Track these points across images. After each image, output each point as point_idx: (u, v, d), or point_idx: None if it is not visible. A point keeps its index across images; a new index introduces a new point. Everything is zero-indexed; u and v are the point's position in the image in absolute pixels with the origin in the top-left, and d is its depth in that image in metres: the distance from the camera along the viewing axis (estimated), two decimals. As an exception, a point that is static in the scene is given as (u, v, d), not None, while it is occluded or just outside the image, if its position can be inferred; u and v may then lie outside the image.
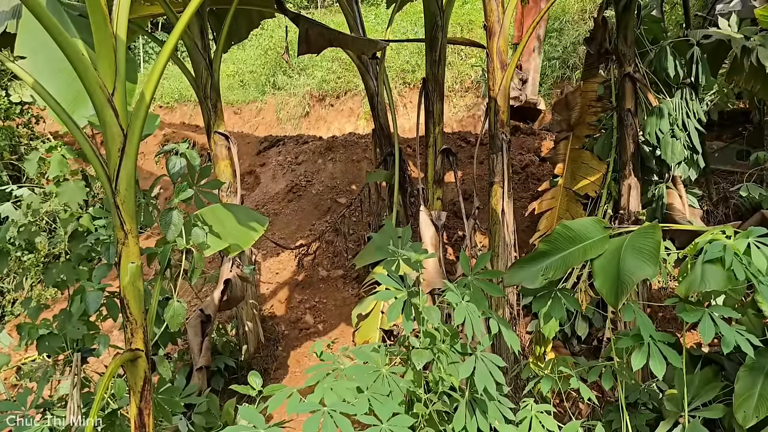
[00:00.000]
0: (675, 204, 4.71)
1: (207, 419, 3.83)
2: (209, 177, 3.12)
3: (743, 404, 2.64)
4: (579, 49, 9.66)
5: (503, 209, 4.34)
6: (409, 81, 11.45)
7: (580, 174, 5.49)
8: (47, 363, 3.16)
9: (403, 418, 2.17)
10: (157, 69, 2.50)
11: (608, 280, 2.61)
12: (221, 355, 5.11)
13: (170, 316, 2.81)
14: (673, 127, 4.66)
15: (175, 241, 2.82)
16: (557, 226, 2.99)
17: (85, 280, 2.85)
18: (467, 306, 2.54)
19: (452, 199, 6.94)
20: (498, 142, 4.39)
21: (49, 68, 2.97)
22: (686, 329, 2.92)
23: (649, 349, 2.58)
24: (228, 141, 4.89)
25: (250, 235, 3.41)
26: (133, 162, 2.45)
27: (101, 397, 2.32)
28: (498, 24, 4.39)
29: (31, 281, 7.50)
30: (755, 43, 4.66)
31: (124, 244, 2.45)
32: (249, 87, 13.71)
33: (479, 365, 2.44)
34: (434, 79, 5.11)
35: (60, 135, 9.30)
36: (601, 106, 5.59)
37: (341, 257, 6.83)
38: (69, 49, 2.29)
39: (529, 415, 2.66)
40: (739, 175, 6.15)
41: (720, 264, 2.46)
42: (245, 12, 5.48)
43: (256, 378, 2.78)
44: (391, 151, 5.96)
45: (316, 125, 12.06)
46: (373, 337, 4.71)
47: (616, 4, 4.95)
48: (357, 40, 5.47)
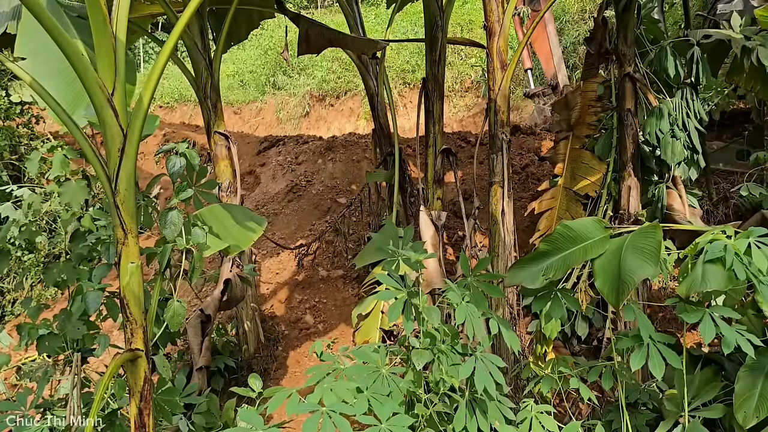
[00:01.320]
0: (675, 204, 4.70)
1: (207, 419, 3.83)
2: (207, 177, 3.12)
3: (743, 404, 2.64)
4: (579, 49, 9.65)
5: (503, 209, 4.34)
6: (409, 81, 11.45)
7: (580, 174, 5.49)
8: (47, 363, 3.16)
9: (402, 418, 2.16)
10: (156, 69, 2.50)
11: (609, 279, 2.61)
12: (221, 355, 5.12)
13: (170, 316, 2.81)
14: (673, 127, 4.65)
15: (175, 241, 2.82)
16: (558, 226, 3.00)
17: (85, 280, 2.85)
18: (467, 306, 2.54)
19: (452, 199, 6.94)
20: (498, 142, 4.39)
21: (49, 69, 2.97)
22: (686, 329, 2.92)
23: (648, 349, 2.58)
24: (228, 141, 4.89)
25: (248, 236, 3.41)
26: (133, 162, 2.45)
27: (101, 397, 2.32)
28: (498, 24, 4.39)
29: (31, 281, 7.50)
30: (755, 43, 4.65)
31: (124, 244, 2.45)
32: (249, 87, 13.71)
33: (479, 366, 2.43)
34: (434, 79, 5.11)
35: (60, 135, 9.29)
36: (601, 106, 5.58)
37: (341, 257, 6.83)
38: (69, 49, 2.29)
39: (529, 416, 2.67)
40: (739, 175, 6.14)
41: (721, 264, 2.46)
42: (245, 12, 5.48)
43: (256, 380, 2.78)
44: (391, 151, 5.95)
45: (316, 125, 12.06)
46: (373, 337, 4.71)
47: (616, 4, 4.95)
48: (357, 40, 5.47)
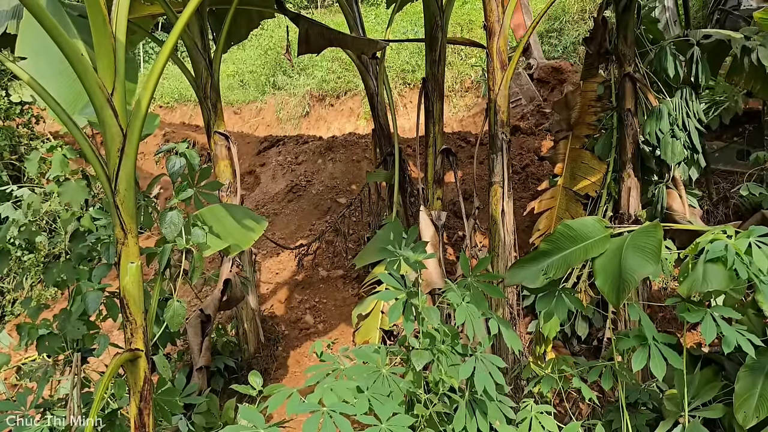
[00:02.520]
0: (675, 204, 4.70)
1: (207, 419, 3.83)
2: (209, 177, 3.12)
3: (743, 404, 2.64)
4: (579, 49, 9.65)
5: (503, 209, 4.34)
6: (409, 81, 11.44)
7: (579, 174, 5.49)
8: (47, 363, 3.16)
9: (402, 418, 2.16)
10: (156, 69, 2.50)
11: (609, 278, 2.61)
12: (221, 355, 5.12)
13: (170, 316, 2.81)
14: (673, 127, 4.65)
15: (175, 241, 2.82)
16: (558, 226, 2.99)
17: (85, 280, 2.85)
18: (467, 307, 2.53)
19: (452, 198, 6.94)
20: (498, 142, 4.39)
21: (50, 69, 2.97)
22: (686, 329, 2.92)
23: (650, 350, 2.58)
24: (228, 141, 4.89)
25: (248, 236, 3.41)
26: (133, 162, 2.45)
27: (101, 397, 2.32)
28: (498, 24, 4.39)
29: (30, 281, 7.50)
30: (755, 43, 4.65)
31: (124, 244, 2.45)
32: (249, 87, 13.70)
33: (479, 366, 2.43)
34: (434, 79, 5.11)
35: (60, 135, 9.28)
36: (601, 106, 5.58)
37: (341, 257, 6.83)
38: (68, 49, 2.29)
39: (529, 416, 2.66)
40: (739, 175, 6.13)
41: (722, 264, 2.46)
42: (245, 12, 5.47)
43: (256, 378, 2.78)
44: (391, 151, 5.95)
45: (316, 125, 12.05)
46: (373, 337, 4.71)
47: (615, 4, 4.95)
48: (357, 40, 5.47)
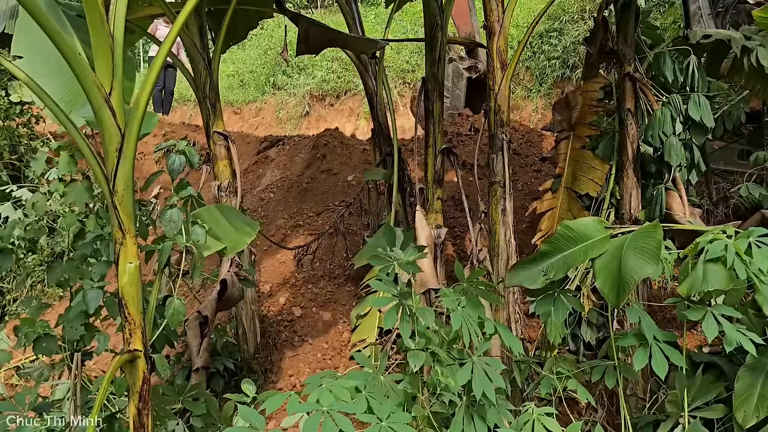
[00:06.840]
0: (675, 205, 4.69)
1: (206, 420, 3.82)
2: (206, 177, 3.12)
3: (743, 404, 2.64)
4: (579, 49, 9.64)
5: (503, 209, 4.33)
6: (409, 81, 11.44)
7: (581, 173, 5.47)
8: (43, 365, 3.14)
9: (402, 415, 2.16)
10: (155, 68, 2.49)
11: (609, 279, 2.61)
12: (220, 356, 5.10)
13: (170, 314, 2.80)
14: (674, 128, 4.64)
15: (175, 239, 2.81)
16: (558, 227, 2.99)
17: (87, 279, 2.84)
18: (463, 312, 2.52)
19: (452, 196, 6.93)
20: (498, 142, 4.38)
21: (47, 68, 2.95)
22: (686, 329, 2.91)
23: (651, 349, 2.58)
24: (227, 141, 4.88)
25: (242, 239, 3.45)
26: (131, 162, 2.44)
27: (102, 397, 2.31)
28: (498, 24, 4.38)
29: (31, 280, 7.49)
30: (755, 43, 4.63)
31: (122, 245, 2.44)
32: (249, 87, 13.71)
33: (477, 370, 2.42)
34: (434, 79, 5.10)
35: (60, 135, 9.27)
36: (602, 106, 5.58)
37: (341, 257, 6.82)
38: (66, 49, 2.28)
39: (531, 418, 2.65)
40: (739, 175, 6.12)
41: (722, 263, 2.46)
42: (244, 12, 5.46)
43: (249, 386, 2.78)
44: (391, 150, 5.95)
45: (316, 125, 12.05)
46: (370, 336, 4.71)
47: (615, 3, 4.94)
48: (356, 40, 5.46)
